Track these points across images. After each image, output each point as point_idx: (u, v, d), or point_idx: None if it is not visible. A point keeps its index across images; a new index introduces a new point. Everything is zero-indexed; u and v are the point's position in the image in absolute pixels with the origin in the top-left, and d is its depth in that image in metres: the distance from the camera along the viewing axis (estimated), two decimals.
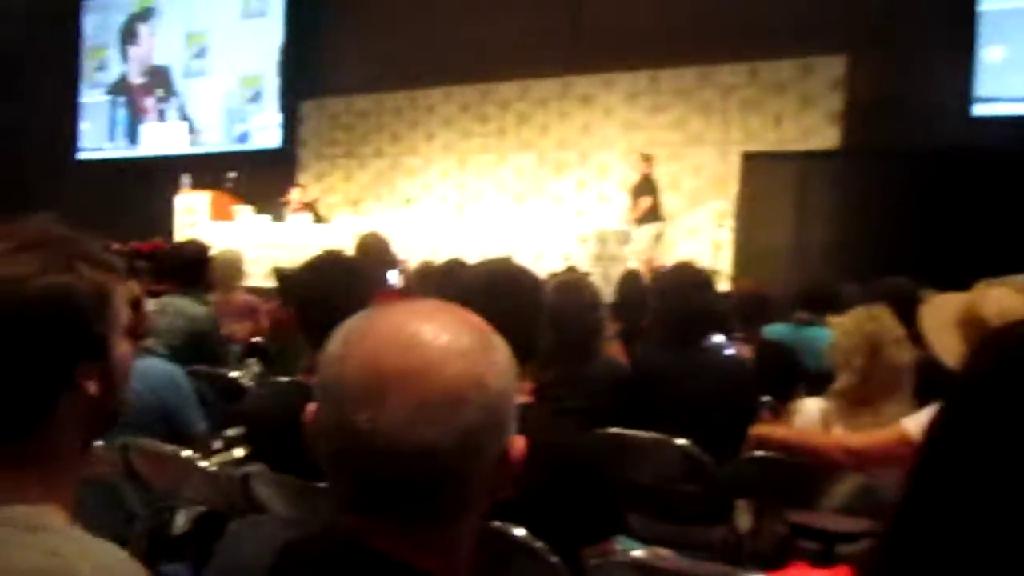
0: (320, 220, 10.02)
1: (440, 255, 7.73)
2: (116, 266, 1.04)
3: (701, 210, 9.50)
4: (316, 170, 12.42)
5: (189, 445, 2.52)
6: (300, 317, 2.28)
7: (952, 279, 2.82)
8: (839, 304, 3.62)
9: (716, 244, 8.98)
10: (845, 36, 8.61)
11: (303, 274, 2.35)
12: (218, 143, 13.06)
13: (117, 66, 14.38)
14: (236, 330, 4.64)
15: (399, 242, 8.51)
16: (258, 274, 8.80)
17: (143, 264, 5.34)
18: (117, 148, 14.36)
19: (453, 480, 0.81)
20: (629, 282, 4.96)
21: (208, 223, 10.16)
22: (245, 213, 10.05)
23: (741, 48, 9.16)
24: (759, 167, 8.98)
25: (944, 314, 2.19)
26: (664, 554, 1.88)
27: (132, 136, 14.22)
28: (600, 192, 10.21)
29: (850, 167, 8.56)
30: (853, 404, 2.54)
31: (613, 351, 3.29)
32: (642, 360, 3.03)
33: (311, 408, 0.85)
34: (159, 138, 13.83)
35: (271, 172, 11.70)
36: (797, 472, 2.37)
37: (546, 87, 10.56)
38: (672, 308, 2.90)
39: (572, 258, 7.56)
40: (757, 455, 2.45)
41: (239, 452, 2.74)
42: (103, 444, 2.50)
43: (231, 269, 5.02)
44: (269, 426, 2.20)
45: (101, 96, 14.53)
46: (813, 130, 8.97)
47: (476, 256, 4.62)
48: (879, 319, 2.55)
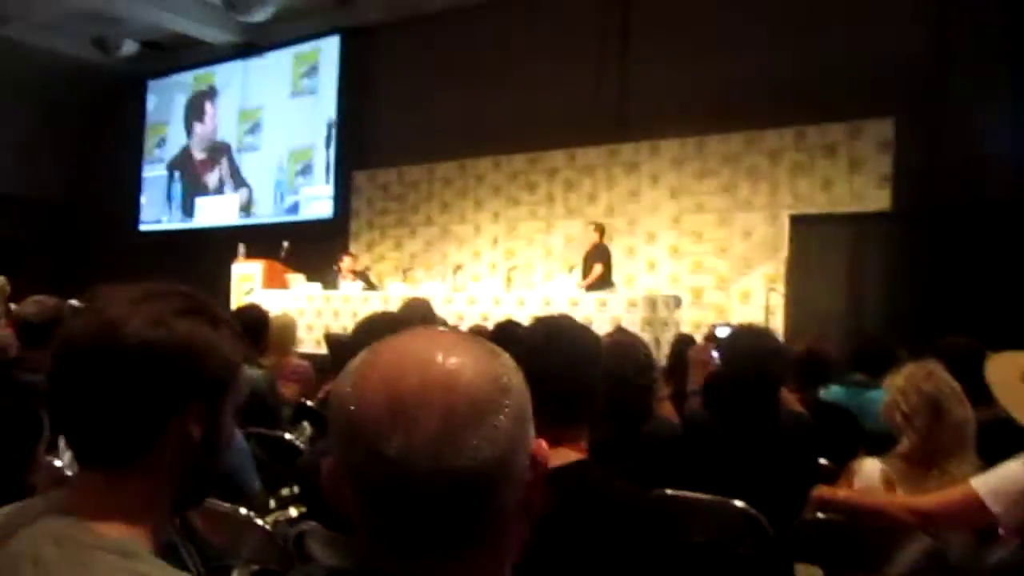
0: (371, 287, 10.16)
1: (491, 321, 7.78)
2: (242, 338, 1.15)
3: (752, 274, 9.45)
4: (367, 239, 12.65)
5: (245, 504, 2.53)
6: None
7: (1009, 337, 2.76)
8: (896, 366, 3.55)
9: (768, 308, 8.89)
10: (892, 98, 8.60)
11: (354, 335, 2.38)
12: (269, 214, 13.41)
13: (176, 142, 15.01)
14: (287, 392, 4.69)
15: (450, 309, 8.65)
16: (310, 340, 8.96)
17: None
18: (172, 220, 14.89)
19: (494, 492, 0.80)
20: (681, 346, 4.92)
21: (262, 291, 10.36)
22: (298, 281, 10.22)
23: (788, 112, 9.20)
24: (809, 230, 8.93)
25: (1011, 370, 2.14)
26: None
27: (187, 209, 14.80)
28: (648, 258, 10.21)
29: (901, 229, 8.46)
30: (917, 465, 2.47)
31: (666, 411, 3.26)
32: (699, 419, 2.98)
33: (326, 465, 0.84)
34: (213, 210, 14.32)
35: (323, 241, 11.95)
36: (861, 535, 2.30)
37: (593, 154, 10.68)
38: (745, 372, 2.82)
39: (622, 323, 7.53)
40: (819, 517, 2.38)
41: (293, 511, 2.75)
42: None
43: (286, 333, 5.09)
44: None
45: (160, 171, 15.15)
46: (863, 193, 8.91)
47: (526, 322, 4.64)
48: (936, 376, 2.49)
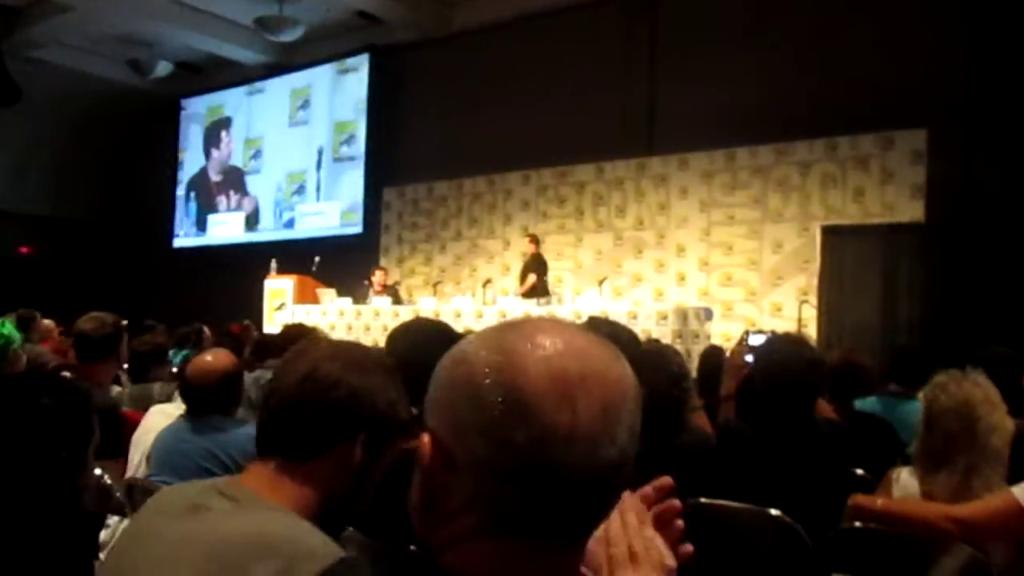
0: (400, 302, 10.22)
1: None
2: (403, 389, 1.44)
3: (783, 287, 9.39)
4: (397, 254, 12.74)
5: None
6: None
7: None
8: (932, 377, 3.50)
9: (800, 320, 8.82)
10: (925, 108, 8.54)
11: (400, 337, 2.40)
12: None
13: (194, 166, 15.65)
14: None
15: (480, 323, 8.68)
16: None
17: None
18: (187, 236, 15.53)
19: (620, 485, 0.85)
20: (711, 357, 4.90)
21: (293, 305, 10.46)
22: (329, 296, 10.31)
23: (819, 123, 9.16)
24: (841, 242, 8.86)
25: None
26: None
27: (201, 225, 15.35)
28: (678, 270, 10.19)
29: (935, 240, 8.38)
30: (955, 474, 2.44)
31: (700, 422, 3.25)
32: (733, 428, 2.97)
33: (430, 442, 0.83)
34: (224, 227, 14.89)
35: (354, 256, 12.06)
36: (899, 544, 2.28)
37: (622, 168, 10.70)
38: (781, 379, 2.80)
39: (653, 336, 7.52)
40: (856, 526, 2.36)
41: None
42: None
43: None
44: (353, 491, 2.23)
45: (179, 191, 15.84)
46: (895, 204, 8.84)
47: None
48: (970, 380, 2.46)
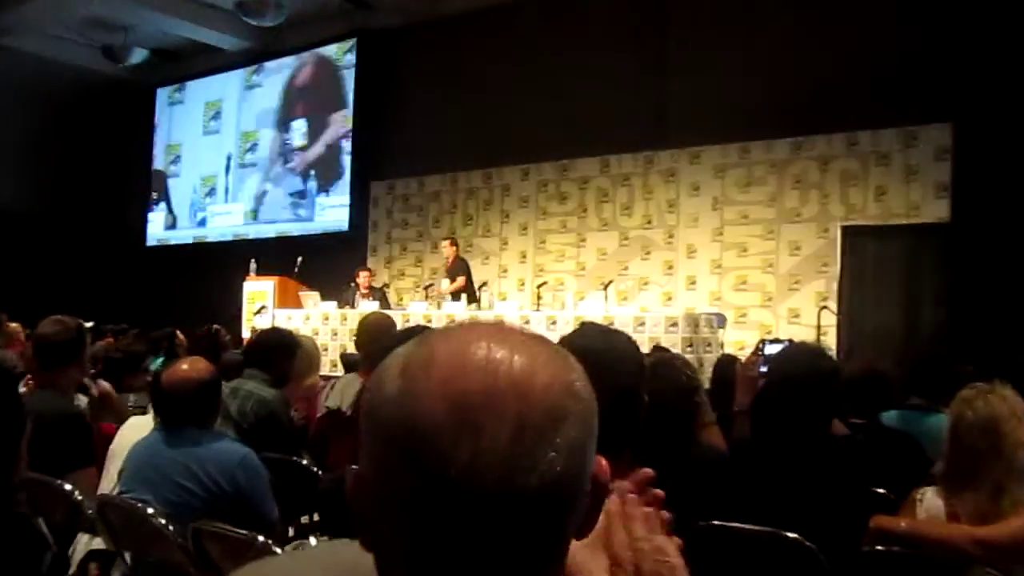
0: (388, 306, 10.24)
1: None
2: None
3: (801, 291, 9.42)
4: (386, 254, 12.76)
5: (263, 531, 2.57)
6: None
7: None
8: (957, 388, 3.52)
9: (820, 327, 8.84)
10: (951, 102, 8.57)
11: (383, 342, 2.41)
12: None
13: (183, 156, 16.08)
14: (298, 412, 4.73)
15: None
16: (325, 363, 9.02)
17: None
18: (172, 229, 15.85)
19: (563, 515, 0.75)
20: (725, 366, 4.91)
21: (275, 310, 10.46)
22: (313, 299, 10.31)
23: (838, 117, 9.19)
24: (862, 243, 8.88)
25: None
26: None
27: (191, 220, 15.50)
28: (688, 273, 10.22)
29: (961, 240, 8.39)
30: (981, 493, 2.46)
31: (712, 437, 3.26)
32: (746, 445, 2.99)
33: (352, 478, 0.78)
34: (223, 219, 14.66)
35: (339, 255, 12.08)
36: (922, 566, 2.30)
37: (629, 162, 10.74)
38: (797, 393, 2.81)
39: (661, 343, 7.54)
40: (878, 549, 2.38)
41: (313, 540, 2.78)
42: (174, 529, 2.58)
43: (308, 360, 5.16)
44: (345, 512, 2.24)
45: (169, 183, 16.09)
46: (920, 202, 8.88)
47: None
48: (997, 394, 2.48)
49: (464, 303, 9.59)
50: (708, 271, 10.07)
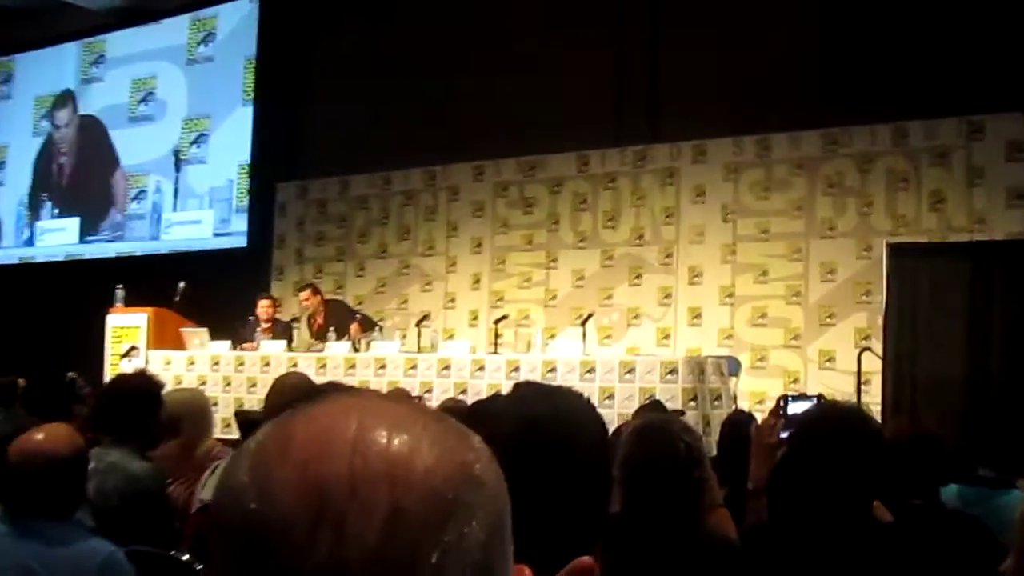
0: (301, 346, 10.20)
1: (471, 395, 7.79)
2: None
3: (836, 327, 9.53)
4: (296, 276, 12.74)
5: None
6: None
7: None
8: None
9: (860, 374, 8.88)
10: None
11: (271, 406, 2.42)
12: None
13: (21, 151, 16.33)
14: (181, 494, 4.70)
15: (412, 379, 8.69)
16: (216, 421, 8.95)
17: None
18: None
19: None
20: (737, 429, 4.94)
21: (149, 352, 10.36)
22: (200, 338, 10.23)
23: (883, 103, 9.34)
24: (914, 266, 8.95)
25: None
26: None
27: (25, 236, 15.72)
28: (692, 303, 10.31)
29: None
30: None
31: (720, 522, 3.29)
32: (763, 537, 3.01)
33: None
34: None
35: (234, 280, 12.03)
36: None
37: (614, 159, 10.83)
38: (829, 468, 2.82)
39: (656, 395, 7.55)
40: None
41: None
42: None
43: (194, 416, 5.13)
44: None
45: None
46: (986, 214, 9.04)
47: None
48: None
49: (400, 343, 9.57)
50: (717, 301, 10.16)
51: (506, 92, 10.96)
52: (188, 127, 13.86)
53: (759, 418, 5.66)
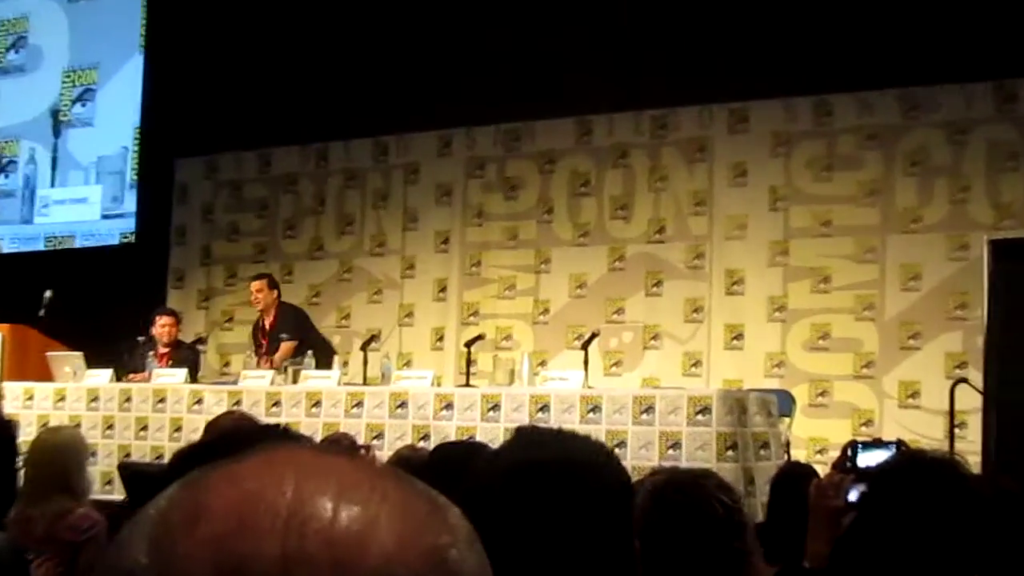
0: (208, 377, 10.16)
1: (433, 441, 7.75)
2: None
3: (921, 350, 9.54)
4: (201, 284, 12.72)
5: None
6: None
7: None
8: None
9: (953, 413, 8.91)
10: None
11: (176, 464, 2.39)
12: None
13: None
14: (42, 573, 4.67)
15: (355, 420, 8.64)
16: (93, 477, 8.89)
17: None
18: None
19: None
20: (790, 486, 4.96)
21: (2, 382, 10.31)
22: (71, 366, 10.17)
23: (977, 56, 9.35)
24: None
25: None
26: None
27: None
28: (730, 319, 10.33)
29: None
30: None
31: None
32: None
33: None
34: None
35: (117, 288, 11.96)
36: None
37: (626, 124, 10.86)
38: (911, 538, 2.82)
39: (682, 442, 7.56)
40: None
41: None
42: None
43: (68, 464, 5.09)
44: None
45: None
46: None
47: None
48: None
49: (339, 372, 9.54)
50: (763, 316, 10.19)
51: (480, 36, 10.96)
52: (70, 80, 13.79)
53: (819, 472, 5.67)
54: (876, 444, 5.60)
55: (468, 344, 9.70)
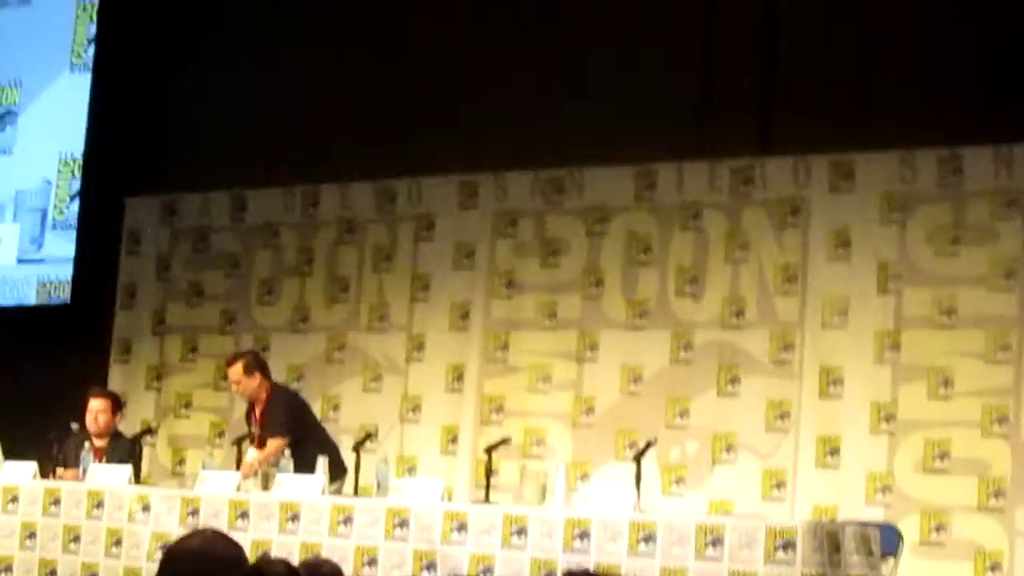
0: (156, 477, 10.30)
1: (439, 572, 7.85)
2: None
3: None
4: (152, 360, 12.92)
5: None
6: None
7: None
8: None
9: None
10: None
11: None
12: None
13: None
14: None
15: (340, 540, 8.75)
16: None
17: None
18: None
19: None
20: None
21: None
22: None
23: None
24: None
25: None
26: None
27: None
28: (823, 430, 10.44)
29: None
30: None
31: None
32: None
33: None
34: None
35: (44, 360, 12.17)
36: None
37: (697, 180, 10.99)
38: None
39: None
40: None
41: None
42: None
43: None
44: None
45: None
46: None
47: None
48: None
49: (324, 477, 9.61)
50: (866, 426, 10.30)
51: (516, 65, 11.20)
52: None
53: None
54: None
55: (489, 449, 9.72)
